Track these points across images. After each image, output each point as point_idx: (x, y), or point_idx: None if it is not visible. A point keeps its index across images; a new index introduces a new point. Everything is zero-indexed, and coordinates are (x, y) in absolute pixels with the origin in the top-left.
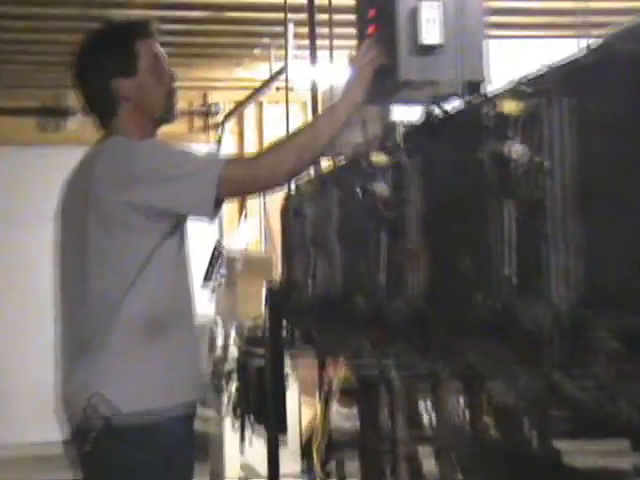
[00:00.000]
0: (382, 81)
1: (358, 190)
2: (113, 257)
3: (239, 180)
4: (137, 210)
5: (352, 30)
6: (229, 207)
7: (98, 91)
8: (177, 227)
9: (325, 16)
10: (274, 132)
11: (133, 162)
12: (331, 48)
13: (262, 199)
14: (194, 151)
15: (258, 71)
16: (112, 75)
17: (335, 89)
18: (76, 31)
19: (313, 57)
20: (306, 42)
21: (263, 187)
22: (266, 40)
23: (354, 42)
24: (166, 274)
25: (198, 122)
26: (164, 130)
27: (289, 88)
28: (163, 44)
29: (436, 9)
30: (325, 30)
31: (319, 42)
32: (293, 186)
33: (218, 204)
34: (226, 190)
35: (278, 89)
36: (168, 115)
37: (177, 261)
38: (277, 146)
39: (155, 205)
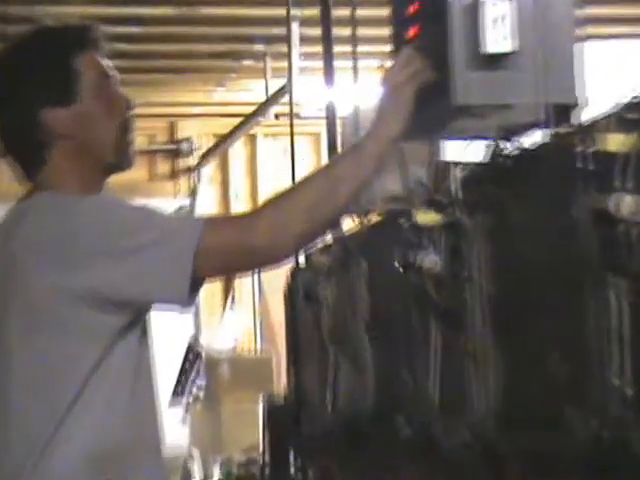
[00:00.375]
0: (428, 106)
1: (397, 263)
2: (42, 372)
3: (224, 251)
4: (77, 300)
5: (384, 32)
6: (209, 288)
7: (20, 127)
8: (135, 322)
9: (345, 11)
10: (273, 179)
11: (71, 229)
12: (354, 57)
13: (256, 277)
14: (159, 210)
15: (249, 91)
16: (41, 104)
17: (361, 115)
18: None
19: (328, 70)
20: (318, 49)
21: (259, 261)
22: (260, 47)
23: (387, 49)
24: (120, 392)
25: (163, 166)
26: (115, 179)
27: (294, 114)
28: (113, 56)
29: (507, 2)
30: (345, 31)
31: (337, 48)
32: (302, 257)
33: (195, 286)
34: (206, 266)
35: (278, 116)
36: (121, 159)
37: (136, 372)
38: (279, 201)
39: (103, 291)
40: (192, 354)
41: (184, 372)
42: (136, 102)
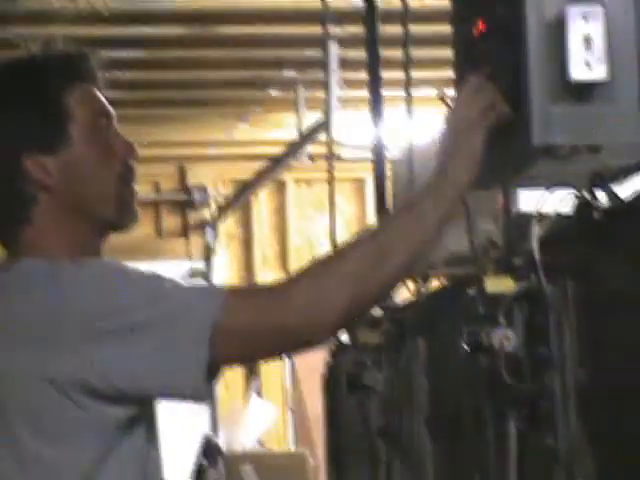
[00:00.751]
0: (500, 147)
1: (463, 341)
2: None
3: (249, 332)
4: (65, 390)
5: (443, 53)
6: (229, 370)
7: None
8: (139, 416)
9: (395, 29)
10: (307, 236)
11: (59, 304)
12: (407, 84)
13: (290, 366)
14: (168, 279)
15: (277, 128)
16: (23, 150)
17: (417, 156)
18: None
19: (375, 101)
20: (362, 75)
21: (292, 345)
22: (290, 73)
23: (448, 74)
24: None
25: (171, 220)
26: (114, 236)
27: (333, 156)
28: (110, 87)
29: (599, 18)
30: (395, 53)
31: (386, 74)
32: (344, 334)
33: (212, 374)
34: (226, 351)
35: (313, 158)
36: (122, 216)
37: (141, 476)
38: (318, 269)
39: (93, 381)
40: (208, 452)
41: (201, 473)
42: (138, 143)
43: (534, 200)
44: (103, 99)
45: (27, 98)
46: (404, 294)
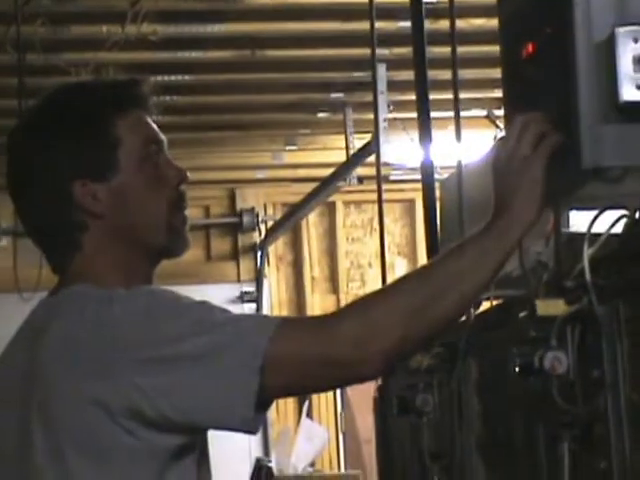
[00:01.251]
0: (551, 169)
1: (515, 364)
2: None
3: (299, 365)
4: (116, 416)
5: (492, 73)
6: None
7: (48, 206)
8: (191, 442)
9: (443, 49)
10: (357, 258)
11: (110, 330)
12: (456, 105)
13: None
14: (218, 308)
15: (326, 150)
16: (73, 178)
17: (466, 177)
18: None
19: (423, 122)
20: (410, 96)
21: (342, 378)
22: (338, 96)
23: (495, 94)
24: None
25: (221, 243)
26: (163, 262)
27: (382, 177)
28: (159, 112)
29: None
30: (443, 74)
31: (434, 95)
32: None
33: (262, 405)
34: (276, 382)
35: (362, 180)
36: (172, 243)
37: None
38: (370, 302)
39: (143, 408)
40: (261, 474)
41: None
42: (188, 167)
43: (586, 221)
44: (153, 125)
45: (77, 125)
46: None
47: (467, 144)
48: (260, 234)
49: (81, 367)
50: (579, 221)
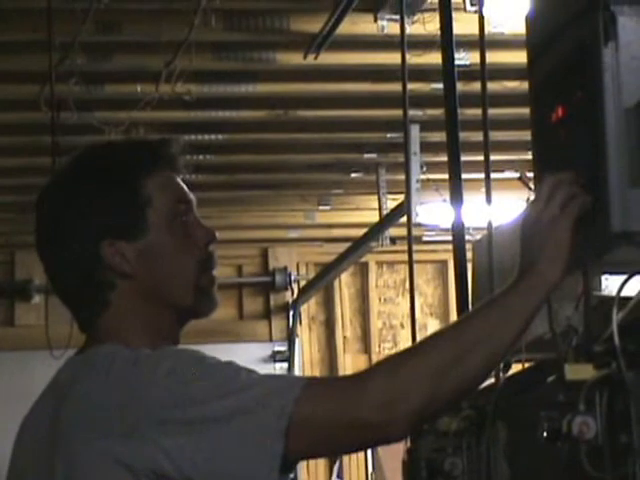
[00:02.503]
0: (580, 232)
1: (544, 429)
2: None
3: (325, 426)
4: (141, 477)
5: (522, 135)
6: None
7: (76, 264)
8: None
9: (474, 111)
10: (389, 319)
11: (136, 391)
12: (487, 167)
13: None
14: (246, 369)
15: (358, 211)
16: (101, 237)
17: (496, 239)
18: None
19: (455, 183)
20: (442, 157)
21: (368, 440)
22: (372, 156)
23: (526, 156)
24: None
25: (253, 302)
26: (190, 322)
27: (414, 238)
28: (195, 172)
29: None
30: (476, 136)
31: (466, 157)
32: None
33: (287, 467)
34: (301, 444)
35: (395, 241)
36: (200, 304)
37: None
38: (396, 363)
39: (168, 471)
40: None
41: None
42: (221, 226)
43: (615, 285)
44: (183, 185)
45: (106, 184)
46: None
47: (499, 206)
48: (292, 293)
49: (105, 428)
50: (612, 285)
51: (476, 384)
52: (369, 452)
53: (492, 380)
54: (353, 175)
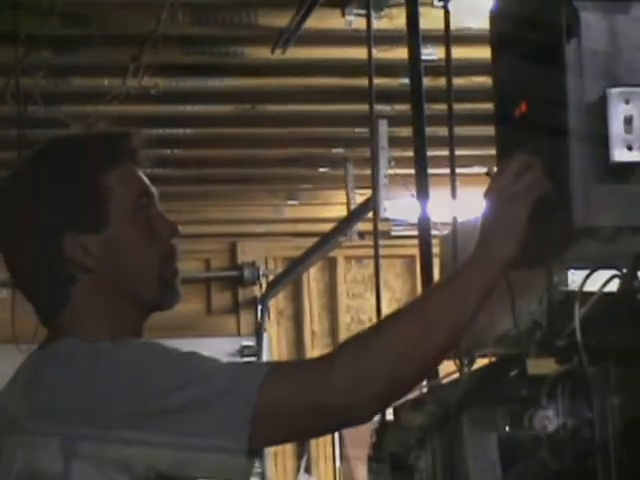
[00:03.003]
0: (543, 227)
1: (505, 422)
2: None
3: (289, 411)
4: (107, 471)
5: (487, 131)
6: (278, 447)
7: (37, 258)
8: None
9: (440, 106)
10: (357, 313)
11: (97, 384)
12: (452, 162)
13: (337, 435)
14: (210, 358)
15: (326, 206)
16: (62, 230)
17: (462, 233)
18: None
19: (421, 178)
20: (410, 153)
21: (334, 424)
22: (339, 151)
23: (491, 152)
24: None
25: (221, 297)
26: (165, 313)
27: (381, 233)
28: (159, 164)
29: None
30: (444, 131)
31: (435, 152)
32: (389, 413)
33: (253, 453)
34: (266, 430)
35: (363, 235)
36: (163, 296)
37: None
38: (359, 346)
39: (132, 463)
40: None
41: None
42: (189, 221)
43: (577, 280)
44: (144, 179)
45: (67, 177)
46: (446, 375)
47: (466, 201)
48: (261, 288)
49: (67, 421)
50: (579, 280)
51: (437, 362)
52: (337, 446)
53: (456, 375)
54: (321, 170)
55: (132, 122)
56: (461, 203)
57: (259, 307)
